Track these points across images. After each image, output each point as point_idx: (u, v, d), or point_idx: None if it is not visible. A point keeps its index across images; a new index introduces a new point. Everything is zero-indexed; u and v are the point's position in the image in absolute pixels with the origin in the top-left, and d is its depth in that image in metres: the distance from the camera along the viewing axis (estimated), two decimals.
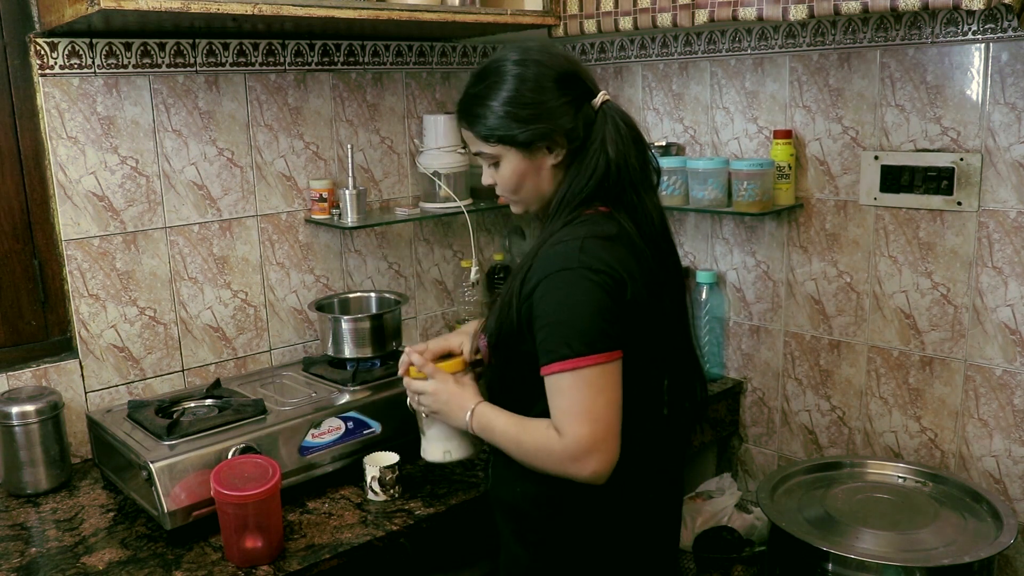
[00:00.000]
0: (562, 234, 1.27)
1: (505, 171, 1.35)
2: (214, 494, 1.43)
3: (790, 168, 2.10)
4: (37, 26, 1.75)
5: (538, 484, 1.32)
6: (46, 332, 1.88)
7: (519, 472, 1.36)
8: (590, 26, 2.12)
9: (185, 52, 1.93)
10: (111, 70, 1.84)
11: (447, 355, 1.50)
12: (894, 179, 1.97)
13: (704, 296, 2.30)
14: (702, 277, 2.30)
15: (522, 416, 1.31)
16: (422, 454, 1.55)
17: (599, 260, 1.23)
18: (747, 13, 1.85)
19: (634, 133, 1.33)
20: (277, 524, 1.46)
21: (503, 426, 1.32)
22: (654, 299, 1.29)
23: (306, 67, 2.14)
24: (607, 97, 1.33)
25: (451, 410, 1.40)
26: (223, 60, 2.00)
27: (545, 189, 1.36)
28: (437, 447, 1.52)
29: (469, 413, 1.36)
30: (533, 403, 1.28)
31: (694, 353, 1.46)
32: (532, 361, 1.26)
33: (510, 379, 1.36)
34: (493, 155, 1.34)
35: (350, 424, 1.73)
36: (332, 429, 1.73)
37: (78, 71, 1.80)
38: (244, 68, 2.04)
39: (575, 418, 1.21)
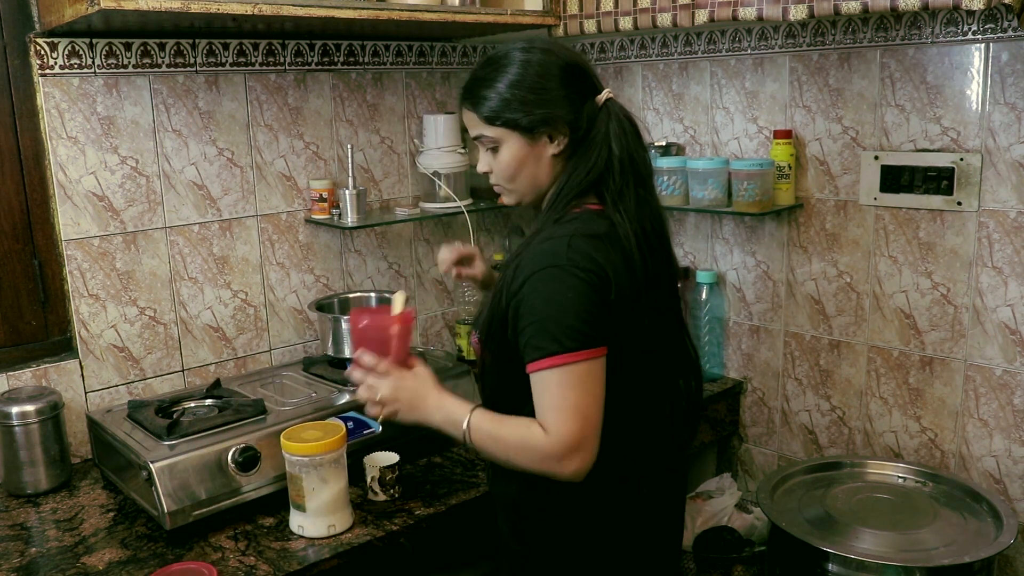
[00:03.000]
0: (551, 231, 1.27)
1: (505, 156, 1.33)
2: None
3: (790, 168, 2.10)
4: (37, 26, 1.75)
5: (534, 480, 1.32)
6: (46, 332, 1.88)
7: (510, 470, 1.36)
8: (590, 26, 2.12)
9: (185, 52, 1.93)
10: (111, 70, 1.84)
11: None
12: (894, 179, 1.97)
13: (704, 296, 2.30)
14: (702, 277, 2.30)
15: (500, 414, 1.30)
16: (296, 529, 1.53)
17: (586, 258, 1.23)
18: (747, 13, 1.85)
19: (636, 131, 1.34)
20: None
21: (489, 428, 1.30)
22: (642, 297, 1.29)
23: (306, 67, 2.14)
24: (611, 95, 1.34)
25: (423, 409, 1.35)
26: (223, 60, 2.00)
27: (542, 179, 1.35)
28: (321, 522, 1.51)
29: (466, 423, 1.30)
30: (526, 400, 1.28)
31: (688, 350, 1.45)
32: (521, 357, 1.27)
33: (502, 375, 1.35)
34: (494, 139, 1.33)
35: (350, 424, 1.73)
36: None
37: (78, 71, 1.80)
38: (244, 68, 2.04)
39: (563, 414, 1.20)
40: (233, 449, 1.59)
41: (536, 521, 1.36)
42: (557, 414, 1.21)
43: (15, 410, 1.70)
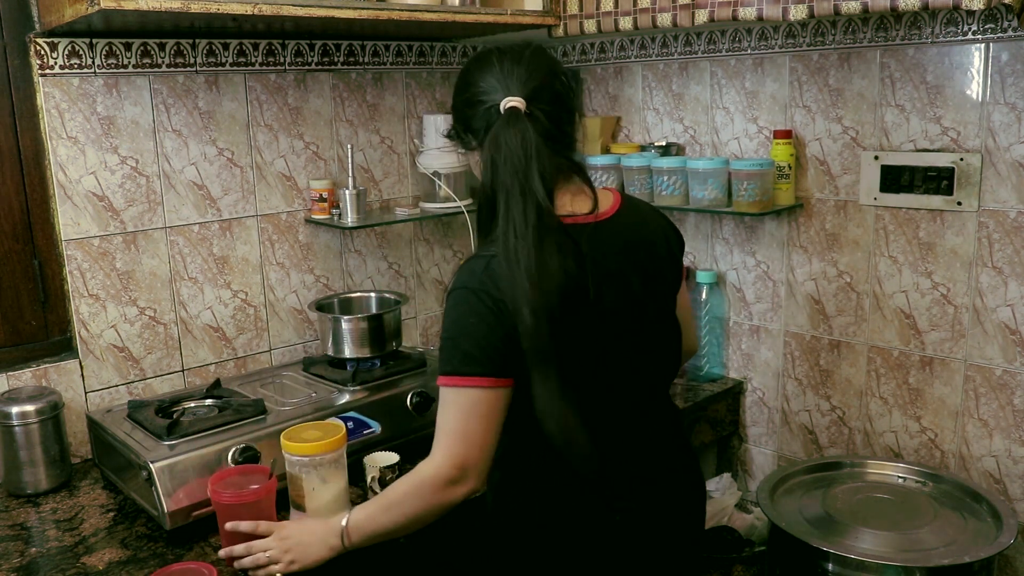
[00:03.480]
0: (482, 248, 1.25)
1: None
2: (211, 495, 1.43)
3: (790, 168, 2.10)
4: (37, 26, 1.75)
5: (498, 488, 1.35)
6: (46, 332, 1.88)
7: (490, 475, 1.34)
8: (590, 26, 2.12)
9: (185, 52, 1.94)
10: (111, 70, 1.84)
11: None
12: (894, 179, 1.97)
13: (704, 296, 2.30)
14: (702, 277, 2.30)
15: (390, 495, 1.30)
16: None
17: (496, 284, 1.19)
18: (747, 13, 1.85)
19: (515, 151, 1.20)
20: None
21: (369, 509, 1.32)
22: (565, 321, 1.21)
23: (306, 67, 2.14)
24: (512, 104, 1.23)
25: (313, 544, 1.35)
26: (223, 60, 2.00)
27: None
28: None
29: (342, 531, 1.32)
30: None
31: (670, 328, 1.39)
32: None
33: None
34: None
35: (350, 424, 1.73)
36: None
37: (78, 71, 1.80)
38: (244, 68, 2.04)
39: (448, 436, 1.22)
40: (233, 449, 1.60)
41: (505, 524, 1.36)
42: (444, 437, 1.23)
43: (15, 410, 1.70)
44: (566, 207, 1.29)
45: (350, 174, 2.13)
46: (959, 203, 1.89)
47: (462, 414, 1.22)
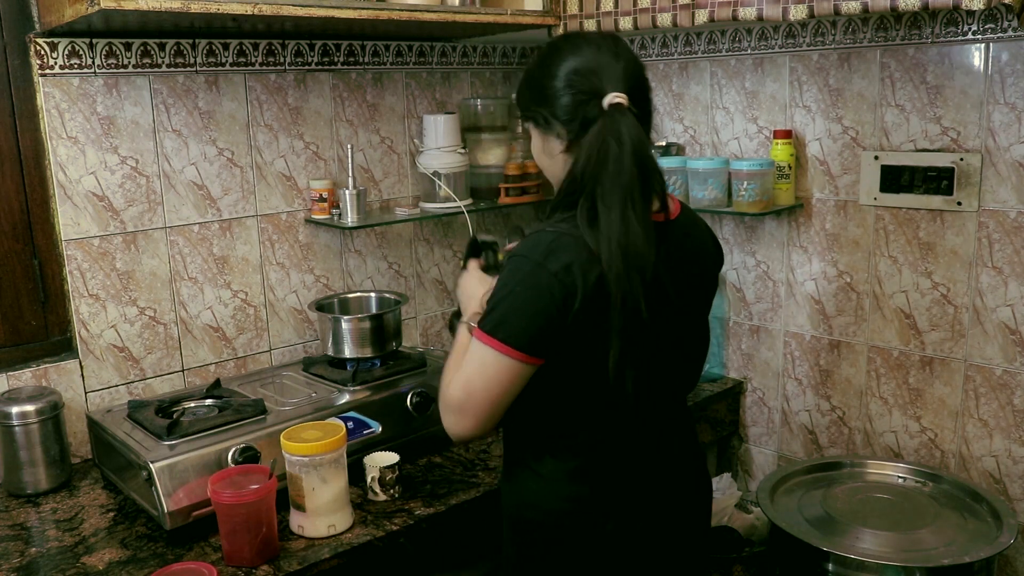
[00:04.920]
0: (551, 223, 1.25)
1: (533, 146, 1.38)
2: (211, 495, 1.43)
3: (790, 168, 2.10)
4: (37, 26, 1.75)
5: (524, 488, 1.35)
6: (46, 332, 1.88)
7: (512, 474, 1.38)
8: (590, 26, 2.12)
9: (185, 52, 1.93)
10: (111, 70, 1.84)
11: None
12: (894, 179, 1.97)
13: None
14: None
15: (462, 356, 1.32)
16: (296, 529, 1.54)
17: (562, 264, 1.19)
18: (747, 13, 1.85)
19: (619, 143, 1.21)
20: (272, 526, 1.46)
21: (457, 348, 1.36)
22: (612, 318, 1.21)
23: (306, 67, 2.14)
24: (618, 100, 1.23)
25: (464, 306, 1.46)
26: (223, 60, 2.00)
27: (558, 175, 1.34)
28: (320, 522, 1.52)
29: (467, 326, 1.37)
30: (525, 397, 1.29)
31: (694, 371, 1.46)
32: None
33: None
34: (526, 129, 1.39)
35: (350, 424, 1.73)
36: None
37: (78, 71, 1.80)
38: (244, 68, 2.04)
39: (460, 379, 1.26)
40: (233, 449, 1.59)
41: (528, 525, 1.36)
42: (459, 375, 1.27)
43: (15, 410, 1.70)
44: None
45: (350, 174, 2.13)
46: (959, 203, 1.89)
47: (477, 365, 1.25)
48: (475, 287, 1.44)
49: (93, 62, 1.81)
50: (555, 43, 1.34)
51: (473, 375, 1.25)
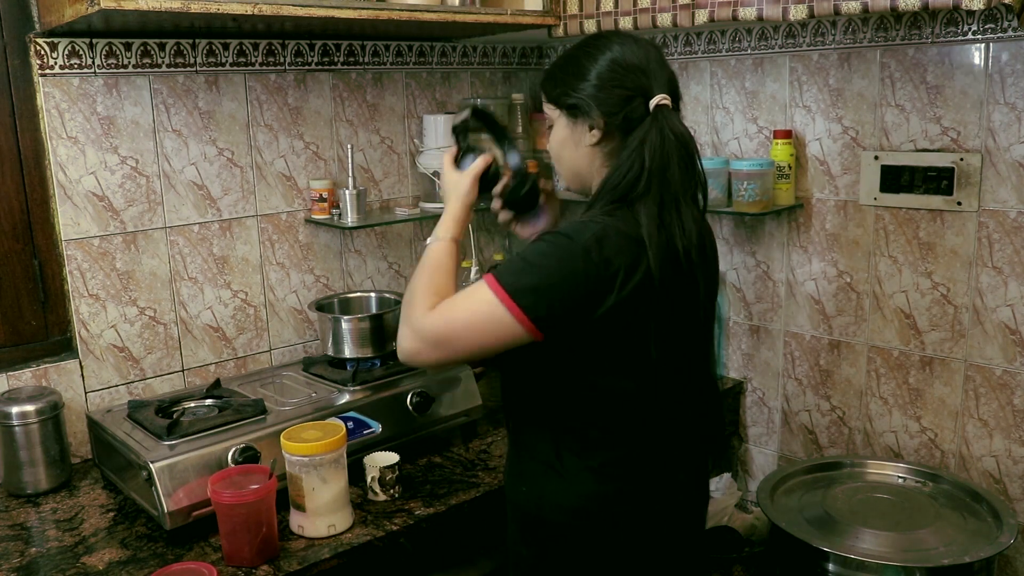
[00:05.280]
0: (598, 215, 1.25)
1: (553, 135, 1.36)
2: (211, 495, 1.43)
3: (790, 168, 2.10)
4: (37, 26, 1.75)
5: (543, 487, 1.33)
6: (46, 332, 1.88)
7: (526, 472, 1.36)
8: (590, 26, 2.12)
9: (185, 52, 1.93)
10: (111, 70, 1.84)
11: None
12: (894, 179, 1.97)
13: None
14: None
15: (445, 266, 1.35)
16: (296, 529, 1.54)
17: (603, 256, 1.19)
18: (747, 13, 1.85)
19: (683, 145, 1.27)
20: (272, 526, 1.46)
21: (434, 255, 1.36)
22: (653, 317, 1.24)
23: (306, 67, 2.14)
24: (665, 102, 1.27)
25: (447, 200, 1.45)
26: (223, 60, 2.00)
27: (581, 167, 1.34)
28: (320, 522, 1.52)
29: (432, 238, 1.39)
30: (544, 396, 1.29)
31: (711, 378, 1.45)
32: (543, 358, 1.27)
33: (524, 367, 1.34)
34: (549, 116, 1.36)
35: (350, 424, 1.73)
36: None
37: (78, 71, 1.80)
38: (244, 68, 2.04)
39: (444, 306, 1.25)
40: (233, 449, 1.59)
41: (546, 525, 1.35)
42: (446, 306, 1.25)
43: (15, 410, 1.70)
44: None
45: (350, 174, 2.13)
46: (959, 203, 1.89)
47: (475, 306, 1.22)
48: (453, 183, 1.44)
49: (93, 62, 1.81)
50: (604, 35, 1.32)
51: (464, 317, 1.23)
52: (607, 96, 1.27)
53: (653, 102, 1.26)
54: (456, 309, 1.24)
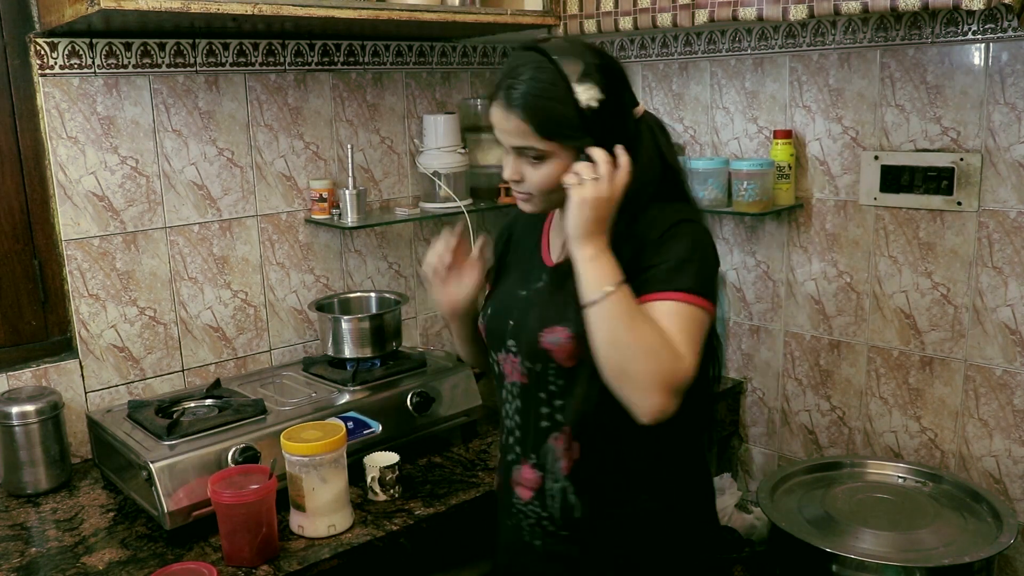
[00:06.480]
0: (661, 205, 1.26)
1: (548, 169, 1.22)
2: (211, 495, 1.43)
3: (790, 168, 2.10)
4: (37, 26, 1.75)
5: (665, 488, 1.32)
6: (46, 332, 1.88)
7: (641, 482, 1.30)
8: (590, 26, 2.12)
9: (185, 52, 1.93)
10: (111, 70, 1.84)
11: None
12: (894, 179, 1.97)
13: None
14: None
15: (643, 325, 1.16)
16: (296, 529, 1.54)
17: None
18: (747, 13, 1.85)
19: (670, 139, 1.34)
20: (272, 526, 1.46)
21: (630, 297, 1.16)
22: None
23: (306, 67, 2.14)
24: (644, 108, 1.31)
25: (598, 223, 1.19)
26: (223, 60, 2.00)
27: (561, 191, 1.24)
28: (320, 522, 1.52)
29: (615, 283, 1.16)
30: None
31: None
32: None
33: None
34: (544, 151, 1.20)
35: (350, 424, 1.73)
36: None
37: (78, 71, 1.80)
38: (244, 68, 2.04)
39: (691, 346, 1.15)
40: (233, 449, 1.59)
41: (667, 529, 1.33)
42: (690, 345, 1.15)
43: (15, 410, 1.70)
44: None
45: (350, 174, 2.13)
46: (959, 203, 1.89)
47: (700, 330, 1.19)
48: (603, 207, 1.19)
49: (93, 62, 1.81)
50: (613, 59, 1.25)
51: (699, 337, 1.18)
52: (624, 107, 1.25)
53: (639, 110, 1.29)
54: (693, 342, 1.17)
